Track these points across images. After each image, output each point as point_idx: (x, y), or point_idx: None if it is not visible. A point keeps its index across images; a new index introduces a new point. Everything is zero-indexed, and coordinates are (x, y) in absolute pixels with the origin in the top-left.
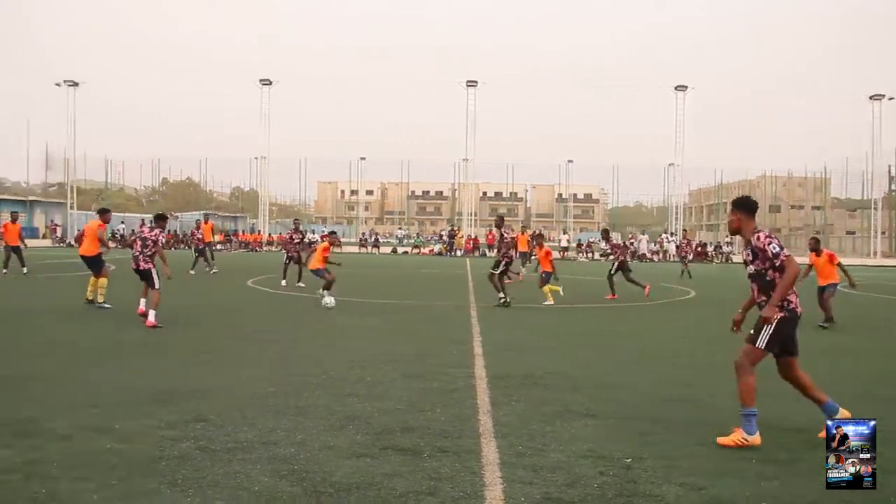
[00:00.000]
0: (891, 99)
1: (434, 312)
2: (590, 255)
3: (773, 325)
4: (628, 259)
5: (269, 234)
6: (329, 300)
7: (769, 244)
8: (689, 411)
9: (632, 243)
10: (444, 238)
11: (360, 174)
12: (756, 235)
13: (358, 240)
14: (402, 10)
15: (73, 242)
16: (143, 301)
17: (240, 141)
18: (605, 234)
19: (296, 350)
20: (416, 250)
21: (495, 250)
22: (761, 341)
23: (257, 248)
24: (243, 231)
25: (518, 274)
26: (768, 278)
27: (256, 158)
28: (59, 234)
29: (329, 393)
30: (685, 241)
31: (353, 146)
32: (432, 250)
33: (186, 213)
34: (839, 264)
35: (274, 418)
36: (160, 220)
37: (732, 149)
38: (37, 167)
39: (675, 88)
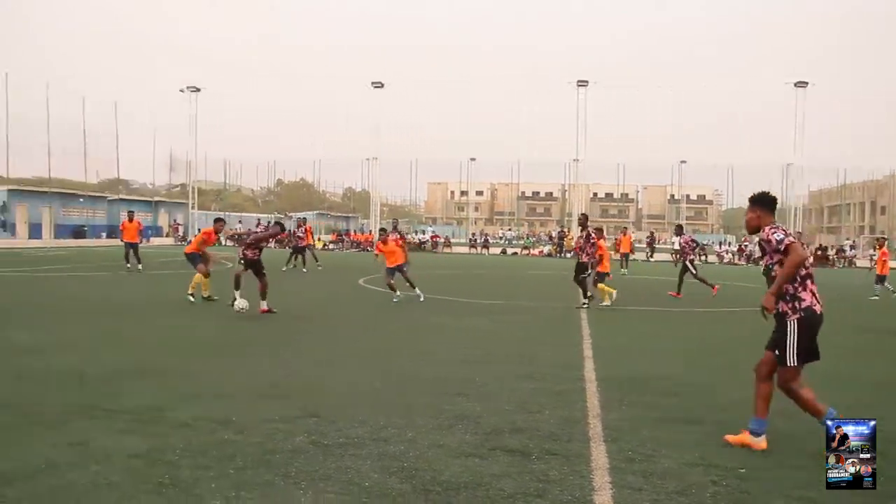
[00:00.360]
0: None
1: (543, 314)
2: (703, 257)
3: (795, 334)
4: (696, 258)
5: None
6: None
7: (773, 233)
8: (803, 423)
9: (742, 245)
10: (554, 239)
11: (469, 175)
12: (763, 229)
13: (468, 240)
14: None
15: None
16: (263, 302)
17: (352, 142)
18: (679, 230)
19: (405, 348)
20: (525, 251)
21: (583, 253)
22: (790, 358)
23: (368, 248)
24: (355, 231)
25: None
26: (774, 273)
27: (368, 160)
28: (180, 232)
29: (438, 392)
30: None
31: (463, 147)
32: (542, 251)
33: (300, 213)
34: None
35: (384, 415)
36: (276, 225)
37: (857, 147)
38: (161, 169)
39: (795, 85)
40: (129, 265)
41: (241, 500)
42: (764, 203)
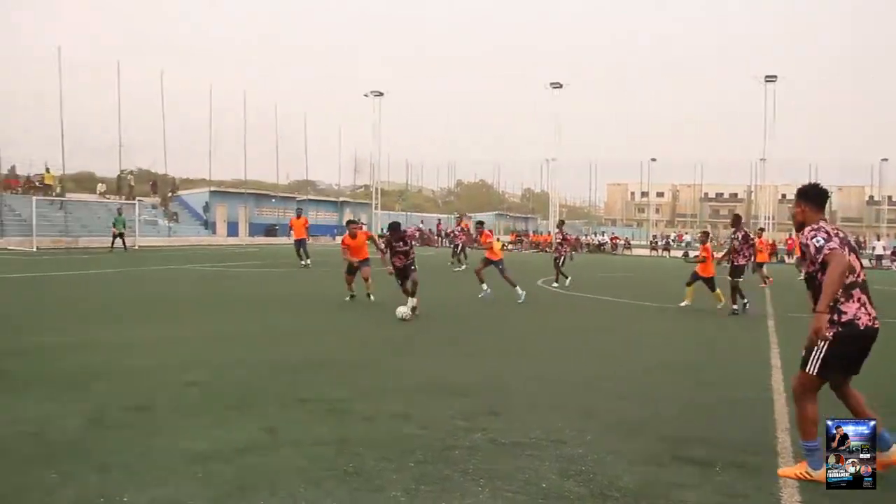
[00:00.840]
0: None
1: (730, 320)
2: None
3: (825, 345)
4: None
5: None
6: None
7: (812, 238)
8: None
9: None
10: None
11: (649, 175)
12: (804, 230)
13: (648, 242)
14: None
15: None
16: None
17: (531, 143)
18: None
19: (581, 350)
20: None
21: (739, 255)
22: (812, 366)
23: (547, 249)
24: (534, 232)
25: (768, 278)
26: (818, 282)
27: (546, 160)
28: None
29: (618, 396)
30: None
31: (643, 148)
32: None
33: (480, 213)
34: None
35: (563, 417)
36: (391, 228)
37: None
38: (346, 171)
39: None
40: (303, 262)
41: (421, 493)
42: (809, 197)
